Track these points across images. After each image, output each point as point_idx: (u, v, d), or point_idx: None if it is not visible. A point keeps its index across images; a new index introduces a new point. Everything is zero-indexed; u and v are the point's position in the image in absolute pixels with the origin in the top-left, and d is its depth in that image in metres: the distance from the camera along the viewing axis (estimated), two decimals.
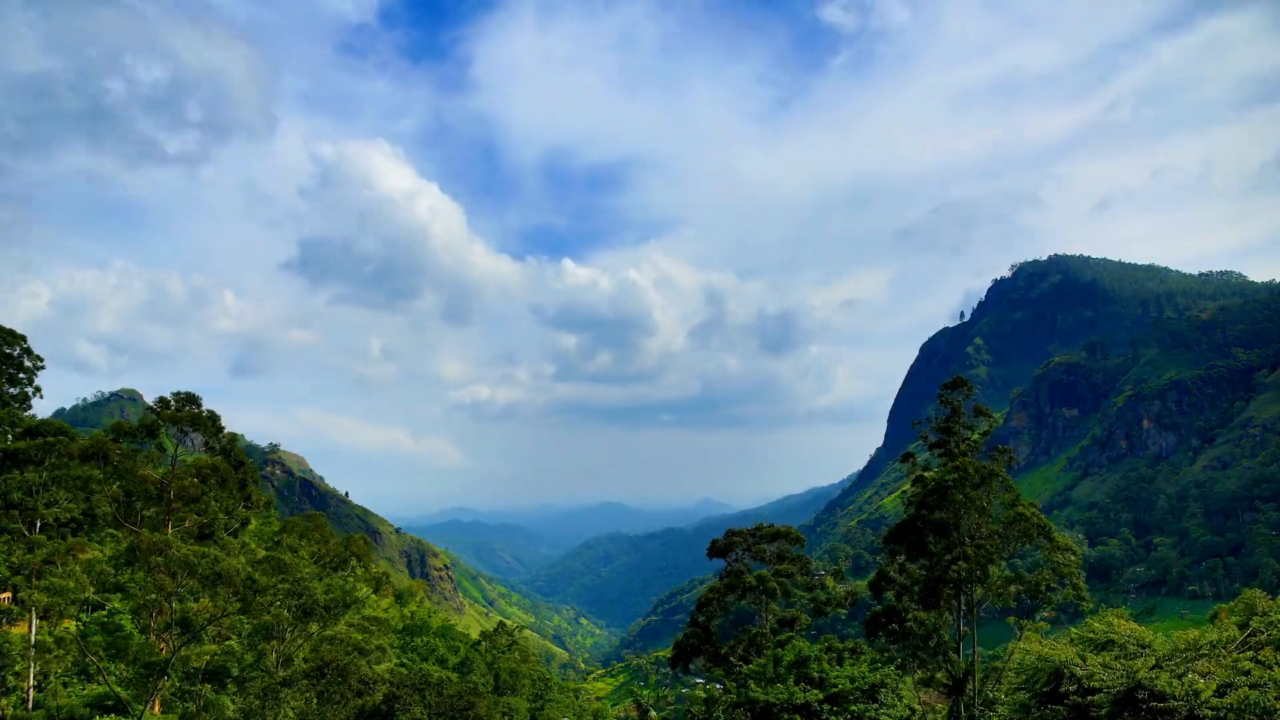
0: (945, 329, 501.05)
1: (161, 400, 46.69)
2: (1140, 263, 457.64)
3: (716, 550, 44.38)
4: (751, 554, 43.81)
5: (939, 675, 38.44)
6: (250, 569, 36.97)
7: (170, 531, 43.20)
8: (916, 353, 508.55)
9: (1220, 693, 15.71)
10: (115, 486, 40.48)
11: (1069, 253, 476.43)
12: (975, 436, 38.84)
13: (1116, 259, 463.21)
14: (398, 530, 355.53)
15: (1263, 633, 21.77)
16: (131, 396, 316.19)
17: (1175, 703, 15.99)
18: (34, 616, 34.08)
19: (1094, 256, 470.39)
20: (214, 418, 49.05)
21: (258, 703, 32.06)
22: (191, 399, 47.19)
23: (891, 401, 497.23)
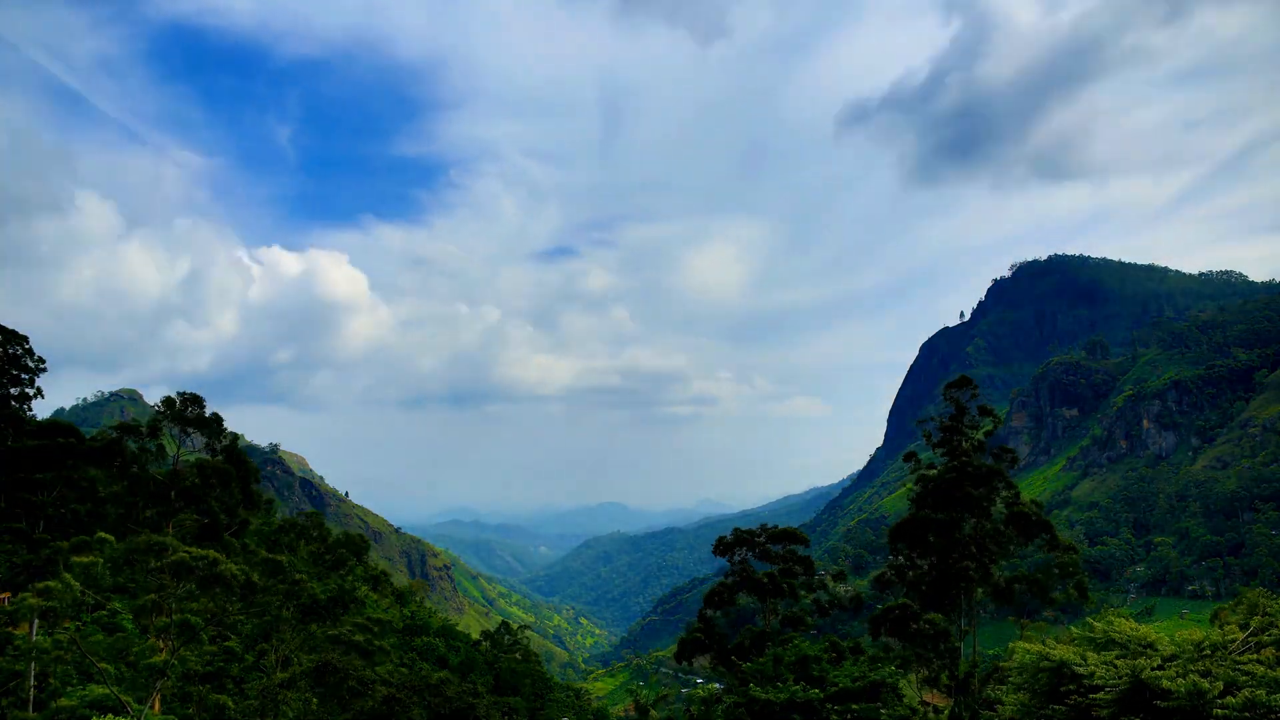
0: (945, 329, 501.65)
1: (168, 400, 47.15)
2: (1140, 263, 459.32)
3: (724, 547, 44.40)
4: (757, 553, 43.82)
5: (942, 675, 38.36)
6: (248, 570, 36.93)
7: (170, 532, 43.18)
8: (916, 352, 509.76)
9: (1224, 693, 15.68)
10: (119, 486, 40.57)
11: (1069, 252, 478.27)
12: (979, 436, 38.78)
13: (1116, 259, 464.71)
14: (398, 530, 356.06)
15: (1264, 632, 21.69)
16: (132, 397, 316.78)
17: (1179, 701, 15.94)
18: (34, 617, 33.96)
19: (1093, 256, 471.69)
20: (218, 419, 49.56)
21: (257, 704, 32.00)
22: (196, 400, 47.65)
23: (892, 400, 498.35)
